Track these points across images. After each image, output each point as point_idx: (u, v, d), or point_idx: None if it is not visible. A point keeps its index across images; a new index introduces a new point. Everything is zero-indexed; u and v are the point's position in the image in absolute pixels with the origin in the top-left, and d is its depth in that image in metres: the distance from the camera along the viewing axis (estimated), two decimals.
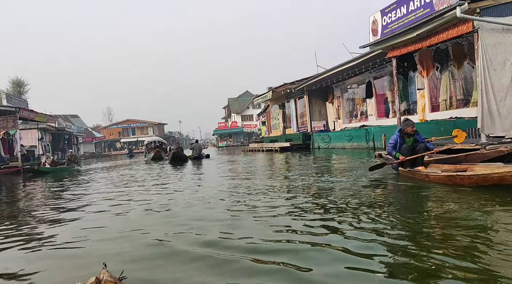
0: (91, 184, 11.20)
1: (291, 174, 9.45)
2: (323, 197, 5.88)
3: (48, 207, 7.12)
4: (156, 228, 4.51)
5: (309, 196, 6.14)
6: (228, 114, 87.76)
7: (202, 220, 4.78)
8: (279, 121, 32.04)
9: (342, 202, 5.29)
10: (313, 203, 5.46)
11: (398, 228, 3.85)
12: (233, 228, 4.24)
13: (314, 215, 4.62)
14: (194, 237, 3.99)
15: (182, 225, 4.58)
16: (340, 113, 23.58)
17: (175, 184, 9.37)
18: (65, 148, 43.99)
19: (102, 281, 1.89)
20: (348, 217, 4.41)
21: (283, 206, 5.28)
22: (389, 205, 4.95)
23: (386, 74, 18.37)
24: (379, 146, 16.70)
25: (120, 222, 5.14)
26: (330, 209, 4.89)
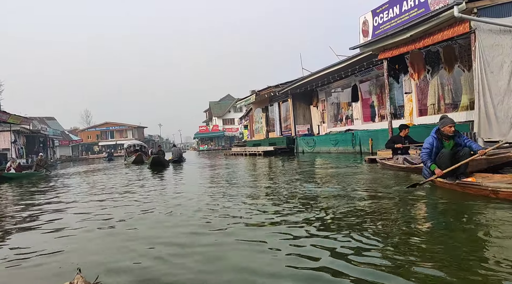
0: (51, 193, 9.86)
1: (283, 184, 8.77)
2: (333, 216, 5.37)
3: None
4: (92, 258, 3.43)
5: (312, 212, 4.91)
6: (209, 118, 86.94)
7: (159, 245, 3.68)
8: (262, 125, 31.62)
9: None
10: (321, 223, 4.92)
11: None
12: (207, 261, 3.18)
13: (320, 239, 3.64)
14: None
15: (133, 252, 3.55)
16: (324, 117, 23.32)
17: (147, 193, 8.24)
18: (40, 151, 42.48)
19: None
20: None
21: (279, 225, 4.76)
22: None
23: (372, 78, 18.19)
24: (365, 150, 16.45)
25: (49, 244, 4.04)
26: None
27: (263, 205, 5.71)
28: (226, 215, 5.09)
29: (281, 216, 4.75)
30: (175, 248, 3.54)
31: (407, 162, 7.87)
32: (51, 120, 68.11)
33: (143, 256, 3.29)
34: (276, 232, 3.98)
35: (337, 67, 17.17)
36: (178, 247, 3.57)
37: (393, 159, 8.48)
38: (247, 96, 30.58)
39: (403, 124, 8.83)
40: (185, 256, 3.27)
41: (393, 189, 6.13)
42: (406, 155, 8.25)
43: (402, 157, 8.13)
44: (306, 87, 23.04)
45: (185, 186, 9.64)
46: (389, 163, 8.58)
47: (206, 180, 10.89)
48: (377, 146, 15.60)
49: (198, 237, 3.97)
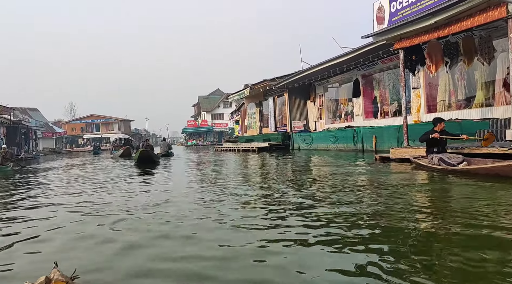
0: (14, 192, 8.35)
1: (293, 187, 7.81)
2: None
3: None
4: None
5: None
6: (197, 113, 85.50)
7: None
8: (255, 120, 30.61)
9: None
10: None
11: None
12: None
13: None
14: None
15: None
16: (322, 113, 22.45)
17: (126, 193, 7.07)
18: (22, 143, 40.67)
19: (52, 281, 1.75)
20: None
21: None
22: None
23: (375, 72, 17.36)
24: (368, 148, 15.62)
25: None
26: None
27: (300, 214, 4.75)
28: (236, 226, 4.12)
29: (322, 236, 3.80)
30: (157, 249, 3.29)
31: (443, 162, 6.94)
32: (34, 111, 65.88)
33: (123, 255, 3.16)
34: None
35: (340, 60, 16.28)
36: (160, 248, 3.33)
37: (428, 158, 7.52)
38: (241, 90, 29.56)
39: (439, 118, 7.90)
40: (166, 258, 3.04)
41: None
42: (443, 154, 7.28)
43: (437, 156, 7.18)
44: (304, 82, 22.12)
45: (183, 185, 8.62)
46: (424, 162, 7.60)
47: (205, 178, 9.87)
48: (382, 143, 14.78)
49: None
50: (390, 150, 10.49)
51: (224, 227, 4.04)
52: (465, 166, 6.59)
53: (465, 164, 6.71)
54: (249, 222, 4.15)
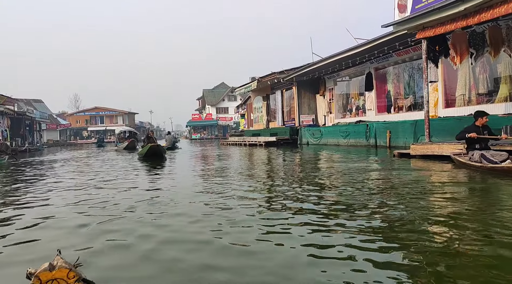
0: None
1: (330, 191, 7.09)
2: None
3: None
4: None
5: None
6: (202, 106, 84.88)
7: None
8: (262, 114, 30.05)
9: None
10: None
11: None
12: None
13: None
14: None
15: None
16: (332, 107, 21.85)
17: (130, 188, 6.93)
18: (25, 134, 40.31)
19: (56, 267, 1.73)
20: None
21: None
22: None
23: (389, 65, 16.73)
24: (382, 144, 15.08)
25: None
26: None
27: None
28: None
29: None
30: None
31: (484, 159, 6.31)
32: (39, 103, 65.52)
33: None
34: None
35: (354, 52, 15.64)
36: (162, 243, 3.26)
37: (468, 155, 6.87)
38: (247, 83, 28.95)
39: (481, 111, 7.07)
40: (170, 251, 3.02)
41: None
42: (485, 151, 6.59)
43: (479, 152, 6.53)
44: (313, 75, 21.53)
45: (189, 182, 8.13)
46: (464, 159, 6.95)
47: (215, 175, 9.38)
48: (396, 139, 14.24)
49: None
50: (410, 145, 9.94)
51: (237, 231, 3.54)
52: (509, 164, 5.99)
53: (509, 162, 6.11)
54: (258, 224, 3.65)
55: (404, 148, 13.50)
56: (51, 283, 1.75)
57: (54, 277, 1.75)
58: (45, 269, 1.75)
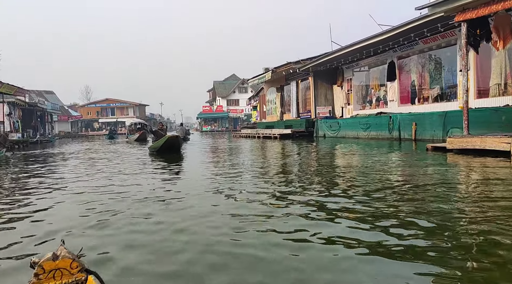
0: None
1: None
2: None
3: None
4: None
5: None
6: (212, 98, 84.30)
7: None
8: (276, 106, 29.30)
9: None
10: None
11: None
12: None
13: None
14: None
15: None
16: (350, 99, 21.00)
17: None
18: (37, 126, 40.16)
19: (59, 257, 1.73)
20: None
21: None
22: None
23: (414, 53, 15.83)
24: (407, 137, 14.28)
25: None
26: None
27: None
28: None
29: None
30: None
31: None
32: (50, 94, 65.57)
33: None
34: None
35: (377, 39, 14.78)
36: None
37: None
38: (261, 74, 28.17)
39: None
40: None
41: None
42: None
43: None
44: (331, 65, 20.70)
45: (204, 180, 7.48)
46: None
47: (232, 170, 8.72)
48: (423, 132, 13.44)
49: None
50: (447, 139, 9.15)
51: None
52: None
53: None
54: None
55: (432, 141, 12.72)
56: (55, 272, 1.76)
57: (57, 267, 1.77)
58: (48, 259, 1.76)
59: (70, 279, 1.76)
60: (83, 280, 1.79)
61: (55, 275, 1.75)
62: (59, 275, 1.76)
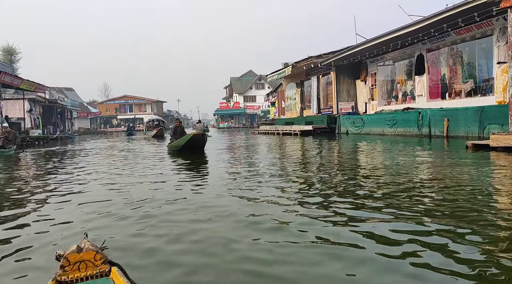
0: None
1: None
2: None
3: None
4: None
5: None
6: (229, 95, 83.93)
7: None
8: (295, 102, 28.70)
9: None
10: None
11: None
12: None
13: None
14: None
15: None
16: (374, 94, 20.26)
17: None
18: (57, 122, 40.48)
19: (83, 249, 1.80)
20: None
21: None
22: None
23: (446, 45, 15.02)
24: (438, 133, 13.56)
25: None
26: None
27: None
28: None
29: None
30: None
31: None
32: (70, 91, 66.33)
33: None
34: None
35: (406, 31, 14.07)
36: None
37: None
38: (280, 69, 27.61)
39: None
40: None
41: None
42: None
43: None
44: (354, 59, 19.99)
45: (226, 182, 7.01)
46: None
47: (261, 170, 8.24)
48: (456, 128, 12.70)
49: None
50: (490, 135, 8.44)
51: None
52: None
53: None
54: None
55: (466, 137, 12.00)
56: (79, 264, 1.82)
57: (82, 259, 1.82)
58: (73, 251, 1.81)
59: (94, 270, 1.81)
60: (106, 272, 1.82)
61: (80, 267, 1.80)
62: (84, 267, 1.80)
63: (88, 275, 1.79)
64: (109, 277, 1.81)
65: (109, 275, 1.81)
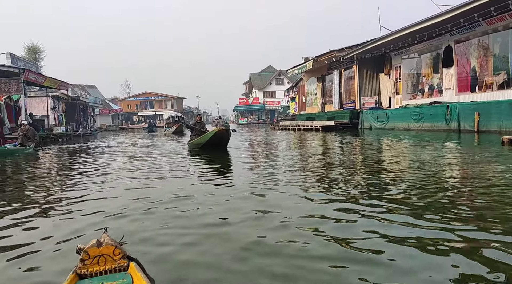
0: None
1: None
2: None
3: None
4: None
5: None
6: (249, 90, 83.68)
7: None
8: (316, 97, 28.23)
9: None
10: None
11: None
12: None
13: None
14: None
15: None
16: (399, 88, 19.64)
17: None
18: (80, 119, 41.10)
19: (103, 244, 1.85)
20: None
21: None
22: None
23: (476, 36, 14.34)
24: (467, 128, 12.98)
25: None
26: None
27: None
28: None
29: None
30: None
31: None
32: (92, 88, 67.45)
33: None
34: None
35: (437, 20, 13.46)
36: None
37: None
38: (301, 64, 27.18)
39: None
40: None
41: None
42: None
43: None
44: (378, 52, 19.41)
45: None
46: None
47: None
48: (488, 122, 12.13)
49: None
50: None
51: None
52: None
53: None
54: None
55: (499, 132, 11.43)
56: (99, 258, 1.85)
57: (101, 253, 1.84)
58: (93, 245, 1.84)
59: (113, 265, 1.84)
60: (125, 266, 1.85)
61: (99, 260, 1.84)
62: (103, 261, 1.84)
63: (107, 269, 1.82)
64: (127, 272, 1.83)
65: (127, 270, 1.84)
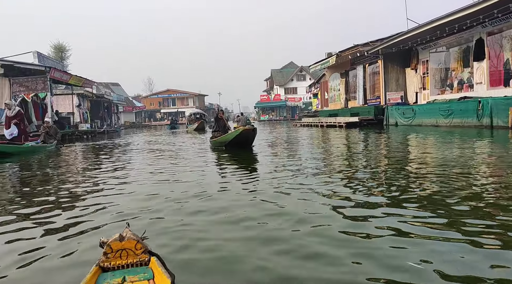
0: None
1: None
2: None
3: None
4: None
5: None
6: (270, 87, 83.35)
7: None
8: (339, 93, 27.73)
9: None
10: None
11: None
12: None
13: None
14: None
15: None
16: (426, 83, 19.00)
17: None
18: (104, 116, 41.81)
19: (125, 238, 1.88)
20: None
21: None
22: None
23: (509, 28, 13.67)
24: (500, 124, 12.40)
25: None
26: None
27: None
28: None
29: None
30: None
31: None
32: (116, 86, 68.55)
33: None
34: None
35: (469, 11, 12.87)
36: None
37: None
38: (324, 59, 26.71)
39: None
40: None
41: None
42: None
43: None
44: (404, 46, 18.83)
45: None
46: None
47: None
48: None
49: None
50: None
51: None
52: None
53: None
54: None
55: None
56: (121, 252, 1.88)
57: (123, 247, 1.88)
58: (115, 239, 1.87)
59: (135, 259, 1.87)
60: (146, 261, 1.88)
61: (122, 254, 1.87)
62: (125, 255, 1.87)
63: (129, 263, 1.85)
64: (148, 266, 1.86)
65: (149, 264, 1.86)
